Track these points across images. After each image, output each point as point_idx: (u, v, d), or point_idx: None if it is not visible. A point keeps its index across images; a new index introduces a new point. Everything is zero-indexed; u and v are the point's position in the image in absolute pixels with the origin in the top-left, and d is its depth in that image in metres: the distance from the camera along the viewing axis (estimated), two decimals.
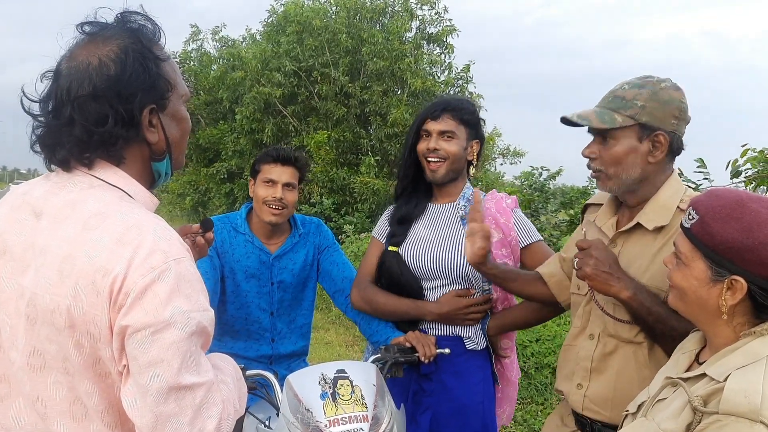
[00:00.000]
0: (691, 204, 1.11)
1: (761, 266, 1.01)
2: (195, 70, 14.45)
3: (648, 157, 1.43)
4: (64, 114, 0.97)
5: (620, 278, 1.40)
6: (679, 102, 1.43)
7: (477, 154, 1.96)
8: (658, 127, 1.41)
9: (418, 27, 11.61)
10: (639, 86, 1.43)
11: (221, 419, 0.97)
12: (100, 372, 0.95)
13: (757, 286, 1.02)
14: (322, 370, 1.58)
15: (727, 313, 1.06)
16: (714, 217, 1.05)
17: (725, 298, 1.04)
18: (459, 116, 1.90)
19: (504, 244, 1.92)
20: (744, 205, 1.04)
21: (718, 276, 1.05)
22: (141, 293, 0.90)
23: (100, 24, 1.03)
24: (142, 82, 1.00)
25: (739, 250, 1.02)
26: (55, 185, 1.01)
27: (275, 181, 2.02)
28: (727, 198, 1.07)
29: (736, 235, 1.02)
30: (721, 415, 0.96)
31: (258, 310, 2.10)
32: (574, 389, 1.56)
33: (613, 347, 1.49)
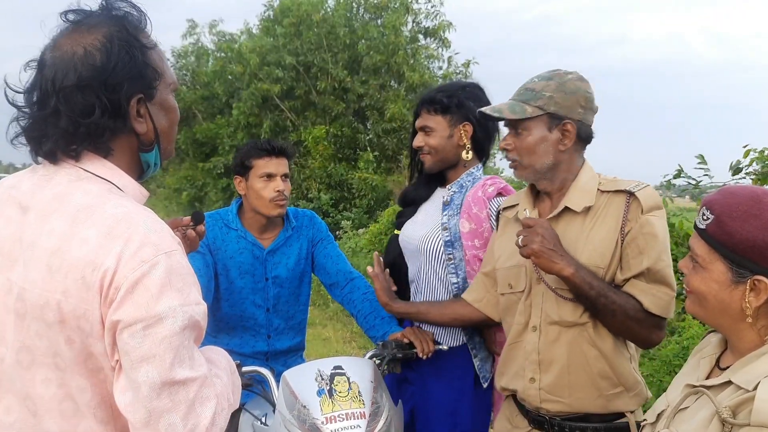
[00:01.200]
0: (705, 204, 1.07)
1: None
2: (192, 65, 14.41)
3: (558, 145, 1.51)
4: (49, 105, 0.95)
5: (563, 256, 1.44)
6: (584, 92, 1.51)
7: (471, 135, 1.90)
8: (566, 116, 1.50)
9: (414, 20, 11.58)
10: (547, 78, 1.53)
11: (215, 413, 0.95)
12: (92, 367, 0.94)
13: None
14: (319, 366, 1.57)
15: (752, 316, 1.01)
16: (731, 215, 1.01)
17: (749, 300, 1.00)
18: (431, 108, 1.91)
19: (476, 235, 1.87)
20: (761, 201, 1.00)
21: (740, 277, 1.00)
22: (132, 287, 0.88)
23: (84, 12, 1.00)
24: (129, 71, 0.97)
25: (761, 248, 0.97)
26: (42, 178, 0.99)
27: (274, 175, 2.00)
28: (743, 195, 1.02)
29: (757, 233, 0.98)
30: (753, 427, 0.92)
31: (253, 307, 2.08)
32: (528, 384, 1.56)
33: (556, 335, 1.51)
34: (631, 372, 1.50)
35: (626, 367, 1.49)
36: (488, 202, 1.87)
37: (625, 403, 1.50)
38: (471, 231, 1.88)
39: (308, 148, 10.65)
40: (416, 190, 2.06)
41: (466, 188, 1.92)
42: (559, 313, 1.50)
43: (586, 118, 1.52)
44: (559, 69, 1.56)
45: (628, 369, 1.49)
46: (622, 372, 1.48)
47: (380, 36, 10.85)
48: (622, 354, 1.49)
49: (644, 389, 1.53)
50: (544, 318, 1.53)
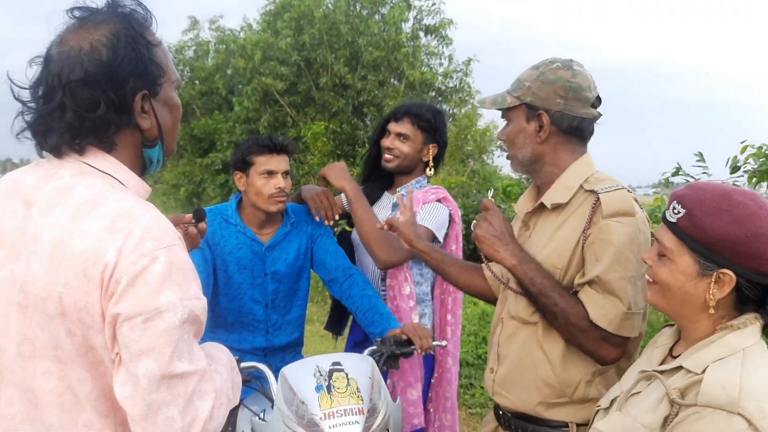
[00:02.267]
0: (676, 198, 1.09)
1: (752, 258, 1.00)
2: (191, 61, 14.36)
3: (535, 138, 1.46)
4: (55, 99, 0.96)
5: (507, 246, 1.43)
6: (565, 81, 1.42)
7: (434, 156, 2.20)
8: (541, 107, 1.43)
9: (415, 17, 11.55)
10: (535, 68, 1.47)
11: (214, 408, 0.96)
12: (92, 360, 0.95)
13: (746, 279, 1.02)
14: (318, 362, 1.57)
15: (714, 307, 1.05)
16: (703, 210, 1.04)
17: (713, 291, 1.04)
18: (417, 122, 2.15)
19: None
20: (731, 197, 1.03)
21: (707, 270, 1.04)
22: (132, 281, 0.89)
23: (90, 9, 1.02)
24: (135, 67, 0.99)
25: (732, 242, 1.01)
26: (46, 173, 1.00)
27: (275, 172, 2.00)
28: (714, 191, 1.05)
29: (728, 228, 1.01)
30: (699, 407, 0.96)
31: (252, 302, 2.08)
32: (488, 374, 1.58)
33: (514, 329, 1.50)
34: (582, 387, 1.40)
35: (575, 379, 1.40)
36: (421, 205, 2.10)
37: (568, 414, 1.43)
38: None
39: (307, 144, 10.63)
40: (371, 192, 2.27)
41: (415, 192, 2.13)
42: (516, 309, 1.49)
43: (568, 109, 1.43)
44: (553, 57, 1.48)
45: (576, 381, 1.40)
46: (570, 383, 1.41)
47: (380, 32, 10.82)
48: (574, 365, 1.40)
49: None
50: (507, 311, 1.53)
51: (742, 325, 1.04)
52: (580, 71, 1.44)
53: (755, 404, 0.94)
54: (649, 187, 12.15)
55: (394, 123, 2.18)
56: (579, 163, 1.47)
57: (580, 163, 1.47)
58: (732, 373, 0.98)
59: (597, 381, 1.42)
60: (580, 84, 1.43)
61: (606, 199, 1.35)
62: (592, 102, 1.45)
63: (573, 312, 1.35)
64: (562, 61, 1.46)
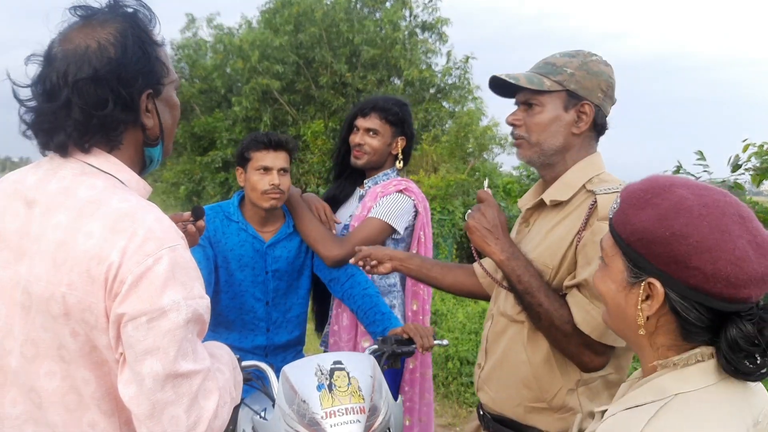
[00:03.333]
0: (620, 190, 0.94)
1: (675, 264, 0.80)
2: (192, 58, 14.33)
3: (572, 128, 1.40)
4: (60, 98, 0.96)
5: (498, 239, 1.39)
6: (608, 77, 1.40)
7: (403, 149, 2.22)
8: (585, 97, 1.38)
9: (412, 14, 11.55)
10: (571, 56, 1.41)
11: (218, 406, 0.97)
12: (96, 360, 0.95)
13: (676, 292, 0.81)
14: (319, 361, 1.57)
15: (646, 329, 0.85)
16: (631, 203, 0.86)
17: (641, 306, 0.84)
18: (385, 116, 2.16)
19: (358, 219, 2.15)
20: (669, 190, 0.84)
21: (634, 278, 0.85)
22: (136, 281, 0.89)
23: (93, 8, 1.02)
24: (143, 66, 1.00)
25: (649, 241, 0.82)
26: (48, 173, 1.00)
27: (270, 168, 1.99)
28: (655, 182, 0.87)
29: (648, 223, 0.82)
30: None
31: (252, 300, 2.08)
32: (477, 369, 1.57)
33: (503, 326, 1.48)
34: (563, 393, 1.36)
35: (555, 384, 1.37)
36: (379, 198, 2.11)
37: (545, 422, 1.39)
38: (358, 216, 2.16)
39: (307, 143, 10.62)
40: (343, 190, 2.32)
41: (378, 185, 2.19)
42: (505, 306, 1.47)
43: (604, 106, 1.40)
44: (583, 49, 1.43)
45: (556, 387, 1.37)
46: (548, 388, 1.37)
47: (377, 30, 10.82)
48: (556, 370, 1.36)
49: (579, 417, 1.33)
50: (497, 308, 1.52)
51: (683, 363, 0.83)
52: (613, 70, 1.43)
53: None
54: None
55: (361, 119, 2.17)
56: (586, 161, 1.42)
57: (587, 161, 1.42)
58: (633, 425, 0.79)
59: (580, 391, 1.37)
60: (614, 83, 1.42)
61: (603, 201, 1.30)
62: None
63: (557, 314, 1.31)
64: (598, 55, 1.42)
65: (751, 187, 3.28)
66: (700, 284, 0.78)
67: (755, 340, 0.78)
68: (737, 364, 0.79)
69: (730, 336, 0.78)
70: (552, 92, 1.39)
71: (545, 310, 1.32)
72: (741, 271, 0.77)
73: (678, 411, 0.79)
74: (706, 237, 0.78)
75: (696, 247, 0.78)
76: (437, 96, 11.74)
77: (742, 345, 0.78)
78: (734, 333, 0.78)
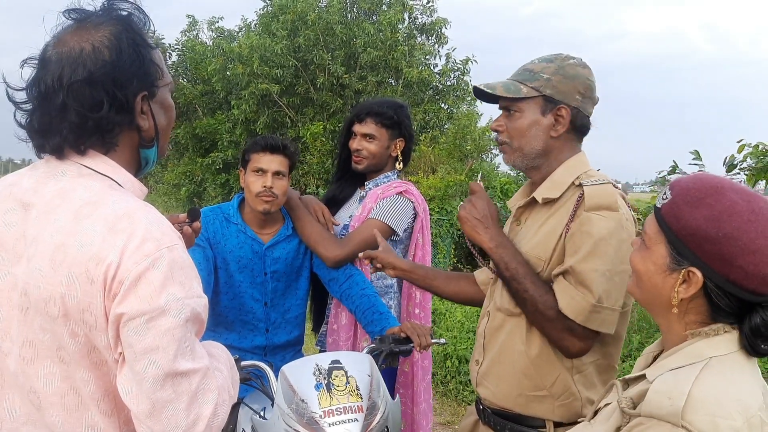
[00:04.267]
0: (670, 184, 1.02)
1: (721, 261, 0.90)
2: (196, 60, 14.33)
3: (550, 131, 1.45)
4: (56, 101, 0.96)
5: (488, 229, 1.45)
6: (585, 79, 1.44)
7: (402, 150, 2.25)
8: (561, 101, 1.42)
9: (411, 17, 11.56)
10: (548, 60, 1.45)
11: (217, 405, 0.97)
12: (95, 360, 0.96)
13: (714, 283, 0.92)
14: (317, 360, 1.58)
15: (679, 308, 0.96)
16: (685, 199, 0.95)
17: (678, 289, 0.95)
18: (380, 121, 2.18)
19: (358, 219, 2.18)
20: (721, 192, 0.93)
21: (677, 264, 0.95)
22: (135, 281, 0.90)
23: (86, 11, 1.02)
24: (137, 68, 1.00)
25: (702, 239, 0.91)
26: (44, 175, 1.01)
27: (265, 170, 2.01)
28: (707, 182, 0.96)
29: (702, 222, 0.92)
30: (643, 417, 0.89)
31: (252, 301, 2.09)
32: (473, 366, 1.60)
33: (500, 321, 1.51)
34: (562, 379, 1.41)
35: (553, 371, 1.41)
36: (379, 200, 2.14)
37: (546, 410, 1.43)
38: (357, 216, 2.18)
39: (306, 145, 10.63)
40: (342, 191, 2.34)
41: (379, 187, 2.23)
42: (502, 301, 1.50)
43: (583, 107, 1.44)
44: (562, 53, 1.47)
45: (555, 374, 1.41)
46: (548, 375, 1.41)
47: (377, 32, 10.83)
48: (551, 357, 1.41)
49: (578, 403, 1.42)
50: (494, 304, 1.55)
51: (713, 333, 0.94)
52: (592, 71, 1.46)
53: (706, 418, 0.83)
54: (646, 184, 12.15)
55: (358, 124, 2.21)
56: (573, 160, 1.47)
57: (574, 160, 1.47)
58: (683, 381, 0.89)
59: (576, 378, 1.41)
60: (593, 83, 1.45)
61: (589, 192, 1.36)
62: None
63: (542, 300, 1.36)
64: (576, 58, 1.46)
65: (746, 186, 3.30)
66: (739, 280, 0.90)
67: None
68: (755, 345, 0.92)
69: (754, 323, 0.91)
70: (529, 98, 1.44)
71: (530, 296, 1.38)
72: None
73: (717, 370, 0.91)
74: (753, 241, 0.89)
75: (743, 249, 0.89)
76: (436, 97, 11.75)
77: (763, 331, 0.91)
78: (758, 321, 0.91)
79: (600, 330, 1.34)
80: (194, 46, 14.37)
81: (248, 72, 11.00)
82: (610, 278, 1.32)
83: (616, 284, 1.32)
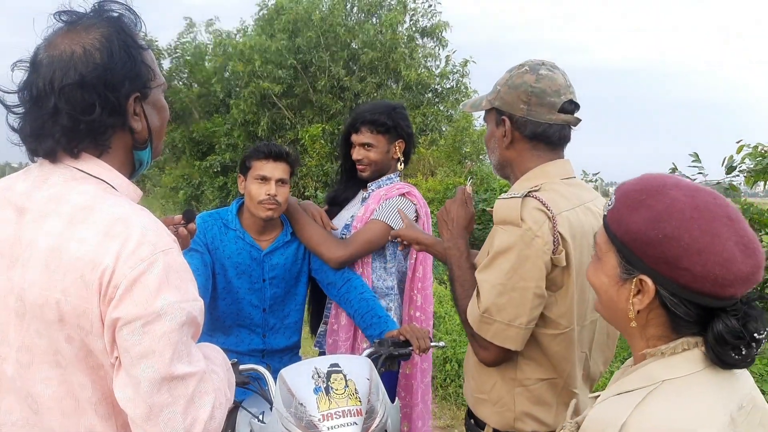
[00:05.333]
0: (615, 189, 0.96)
1: (666, 265, 0.83)
2: (191, 63, 14.35)
3: (501, 142, 1.46)
4: (47, 104, 0.96)
5: (449, 230, 1.53)
6: (528, 86, 1.37)
7: (403, 150, 2.26)
8: (506, 112, 1.42)
9: (411, 19, 11.59)
10: (508, 71, 1.45)
11: (214, 407, 0.97)
12: (92, 364, 0.95)
13: (667, 290, 0.84)
14: (316, 364, 1.58)
15: (637, 321, 0.89)
16: (626, 203, 0.89)
17: (633, 300, 0.88)
18: (374, 128, 2.19)
19: (361, 220, 2.18)
20: (662, 191, 0.86)
21: (627, 274, 0.88)
22: (130, 285, 0.90)
23: (77, 13, 1.01)
24: (129, 70, 1.00)
25: (644, 243, 0.84)
26: (37, 179, 1.00)
27: (268, 178, 2.00)
28: (648, 183, 0.89)
29: (642, 225, 0.85)
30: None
31: (250, 307, 2.09)
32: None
33: None
34: (498, 387, 1.41)
35: (490, 378, 1.42)
36: (382, 201, 2.15)
37: (486, 413, 1.44)
38: (360, 217, 2.18)
39: (305, 147, 10.65)
40: (344, 192, 2.36)
41: (381, 188, 2.24)
42: None
43: (532, 114, 1.38)
44: (529, 60, 1.44)
45: (492, 380, 1.41)
46: (486, 380, 1.43)
47: (377, 34, 10.86)
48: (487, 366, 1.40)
49: (510, 415, 1.40)
50: None
51: (670, 352, 0.86)
52: (546, 75, 1.38)
53: None
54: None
55: (355, 135, 2.22)
56: (535, 171, 1.42)
57: (536, 171, 1.42)
58: (622, 410, 0.82)
59: (517, 391, 1.39)
60: (543, 89, 1.37)
61: (496, 206, 1.35)
62: (560, 107, 1.38)
63: (461, 303, 1.43)
64: (531, 64, 1.41)
65: (745, 188, 3.30)
66: (689, 283, 0.82)
67: (740, 334, 0.82)
68: (723, 356, 0.83)
69: (717, 330, 0.82)
70: (488, 111, 1.48)
71: (455, 297, 1.46)
72: (728, 272, 0.80)
73: (665, 396, 0.83)
74: (697, 240, 0.81)
75: (686, 249, 0.81)
76: (435, 100, 11.78)
77: (727, 339, 0.82)
78: (720, 328, 0.82)
79: (495, 342, 1.32)
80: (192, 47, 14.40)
81: (248, 70, 11.02)
82: (501, 293, 1.29)
83: (512, 300, 1.28)
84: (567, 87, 1.40)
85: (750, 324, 0.82)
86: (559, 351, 1.36)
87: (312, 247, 2.10)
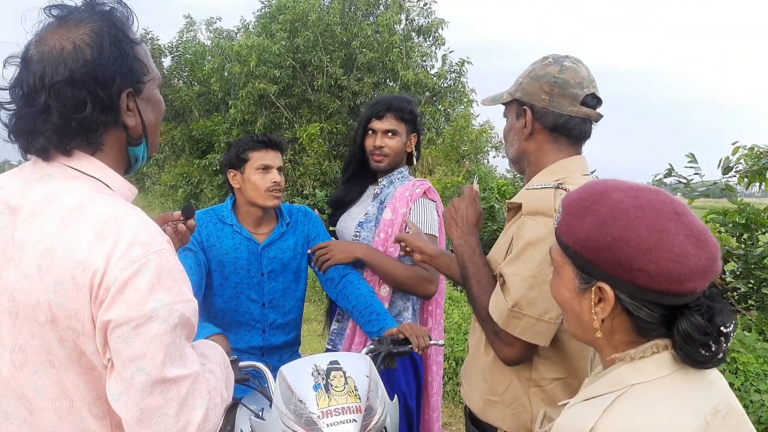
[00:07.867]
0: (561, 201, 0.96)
1: (621, 268, 0.82)
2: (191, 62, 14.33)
3: (521, 134, 1.45)
4: (38, 101, 0.94)
5: (459, 229, 1.51)
6: (551, 77, 1.37)
7: (415, 145, 2.25)
8: (527, 102, 1.41)
9: (407, 18, 11.59)
10: (532, 64, 1.45)
11: (208, 409, 0.97)
12: (85, 365, 0.95)
13: (626, 294, 0.84)
14: (315, 361, 1.59)
15: (603, 331, 0.88)
16: (572, 212, 0.89)
17: (595, 310, 0.87)
18: (400, 115, 2.17)
19: (392, 225, 2.11)
20: (606, 195, 0.87)
21: (585, 283, 0.88)
22: (122, 287, 0.89)
23: (68, 7, 1.00)
24: (120, 65, 0.98)
25: (595, 249, 0.84)
26: (30, 178, 0.99)
27: (271, 166, 2.05)
28: (590, 189, 0.90)
29: (590, 231, 0.85)
30: None
31: (248, 302, 2.09)
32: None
33: (475, 322, 1.53)
34: (513, 387, 1.38)
35: (505, 378, 1.39)
36: (410, 203, 2.11)
37: (497, 416, 1.41)
38: (390, 221, 2.13)
39: (303, 146, 10.65)
40: (349, 194, 2.31)
41: (395, 183, 2.21)
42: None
43: (554, 105, 1.37)
44: (553, 54, 1.43)
45: (507, 381, 1.39)
46: (500, 380, 1.40)
47: (374, 34, 10.86)
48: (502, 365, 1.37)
49: (527, 416, 1.37)
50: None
51: (639, 355, 0.85)
52: (570, 67, 1.37)
53: None
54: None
55: (377, 121, 2.16)
56: (556, 165, 1.40)
57: (557, 165, 1.40)
58: (589, 415, 0.81)
59: (532, 391, 1.37)
60: (566, 80, 1.36)
61: (528, 197, 1.33)
62: (582, 100, 1.37)
63: (479, 300, 1.39)
64: (554, 56, 1.41)
65: (742, 189, 3.32)
66: (646, 283, 0.81)
67: (706, 329, 0.81)
68: (693, 354, 0.82)
69: (682, 329, 0.82)
70: (509, 104, 1.48)
71: (473, 295, 1.41)
72: (683, 267, 0.80)
73: (633, 400, 0.82)
74: (645, 238, 0.81)
75: (636, 249, 0.81)
76: (433, 99, 11.78)
77: (694, 336, 0.81)
78: (685, 325, 0.82)
79: (523, 338, 1.28)
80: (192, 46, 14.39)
81: (245, 72, 11.01)
82: (532, 285, 1.26)
83: (543, 293, 1.24)
84: (590, 80, 1.39)
85: (716, 318, 0.82)
86: (579, 349, 1.35)
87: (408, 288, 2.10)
